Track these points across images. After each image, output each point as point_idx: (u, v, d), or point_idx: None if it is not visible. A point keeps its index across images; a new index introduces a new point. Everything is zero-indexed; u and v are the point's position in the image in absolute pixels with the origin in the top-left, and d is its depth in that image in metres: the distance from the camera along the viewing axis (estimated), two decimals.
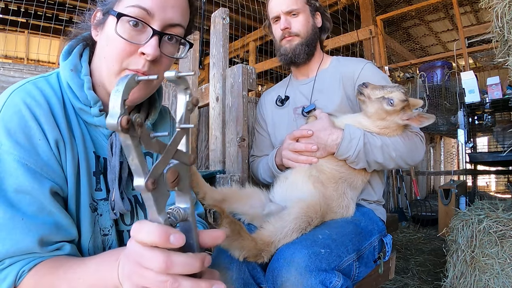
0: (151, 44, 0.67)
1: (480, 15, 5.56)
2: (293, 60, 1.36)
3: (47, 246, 0.61)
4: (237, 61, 6.50)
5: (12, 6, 5.21)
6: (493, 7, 1.89)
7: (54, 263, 0.59)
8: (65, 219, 0.63)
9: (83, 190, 0.69)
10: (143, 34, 0.68)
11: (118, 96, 0.37)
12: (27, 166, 0.60)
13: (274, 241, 0.89)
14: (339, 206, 1.09)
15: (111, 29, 0.68)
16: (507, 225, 1.62)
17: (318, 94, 1.34)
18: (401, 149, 1.13)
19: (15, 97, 0.64)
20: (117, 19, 0.66)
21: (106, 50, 0.69)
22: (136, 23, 0.67)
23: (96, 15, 0.74)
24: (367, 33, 4.31)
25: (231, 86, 1.56)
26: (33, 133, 0.62)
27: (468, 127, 3.09)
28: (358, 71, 1.29)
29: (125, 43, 0.67)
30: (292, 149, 1.17)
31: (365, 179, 1.18)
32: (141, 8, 0.66)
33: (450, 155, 6.65)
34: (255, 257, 0.86)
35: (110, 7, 0.69)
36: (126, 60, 0.68)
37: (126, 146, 0.38)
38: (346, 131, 1.09)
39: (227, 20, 1.66)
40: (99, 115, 0.72)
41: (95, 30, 0.75)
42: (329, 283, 0.81)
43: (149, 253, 0.41)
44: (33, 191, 0.60)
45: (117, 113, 0.36)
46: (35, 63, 6.87)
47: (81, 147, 0.70)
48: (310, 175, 1.11)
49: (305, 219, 0.94)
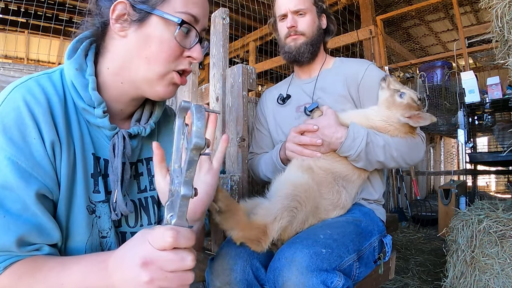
0: (198, 50, 0.73)
1: (480, 15, 5.56)
2: (297, 58, 1.37)
3: (26, 247, 0.60)
4: (237, 61, 6.50)
5: (12, 6, 5.21)
6: (493, 7, 1.89)
7: (34, 264, 0.58)
8: (49, 222, 0.62)
9: (79, 192, 0.68)
10: (188, 38, 0.73)
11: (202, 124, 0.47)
12: (17, 164, 0.59)
13: (266, 224, 0.88)
14: (329, 191, 1.09)
15: (157, 31, 0.69)
16: (507, 225, 1.62)
17: (320, 93, 1.35)
18: (403, 148, 1.14)
19: (16, 93, 0.63)
20: (179, 26, 0.69)
21: (148, 50, 0.70)
22: (188, 30, 0.71)
23: (115, 8, 0.68)
24: (367, 33, 4.31)
25: (231, 86, 1.56)
26: (29, 131, 0.61)
27: (468, 127, 3.09)
28: (362, 72, 1.30)
29: (176, 47, 0.70)
30: (297, 141, 1.17)
31: (362, 174, 1.19)
32: (191, 16, 0.71)
33: (450, 155, 6.65)
34: (252, 242, 0.86)
35: (153, 6, 0.68)
36: (174, 62, 0.72)
37: (192, 162, 0.47)
38: (350, 130, 1.10)
39: (227, 20, 1.65)
40: (103, 116, 0.71)
41: (118, 24, 0.69)
42: (331, 283, 0.81)
43: (178, 256, 0.48)
44: (19, 190, 0.59)
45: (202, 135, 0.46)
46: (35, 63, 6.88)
47: (78, 149, 0.69)
48: (301, 165, 1.12)
49: (294, 198, 0.94)
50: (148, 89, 0.74)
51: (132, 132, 0.76)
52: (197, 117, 0.47)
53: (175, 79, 0.73)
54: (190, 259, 0.49)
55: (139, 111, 0.83)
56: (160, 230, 0.47)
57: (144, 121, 0.82)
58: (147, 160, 0.83)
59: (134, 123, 0.81)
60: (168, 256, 0.47)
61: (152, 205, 0.82)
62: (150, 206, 0.82)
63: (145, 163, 0.83)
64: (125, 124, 0.81)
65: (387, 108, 1.17)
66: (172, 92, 0.76)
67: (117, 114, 0.78)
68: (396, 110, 1.15)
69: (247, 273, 0.93)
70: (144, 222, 0.81)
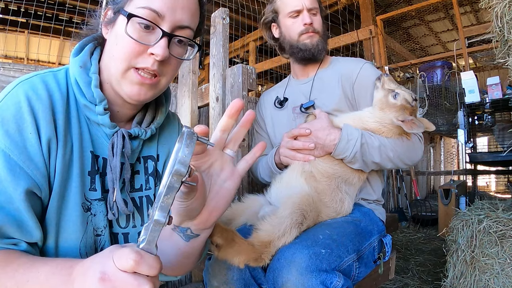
0: (160, 45, 0.68)
1: (480, 15, 5.56)
2: (314, 55, 1.34)
3: (3, 239, 0.59)
4: (237, 61, 6.50)
5: (12, 6, 5.21)
6: (493, 7, 1.89)
7: (6, 257, 0.58)
8: (30, 220, 0.61)
9: (74, 189, 0.68)
10: (152, 34, 0.69)
11: (190, 152, 0.46)
12: (9, 157, 0.59)
13: (272, 240, 0.87)
14: (333, 200, 1.09)
15: (120, 28, 0.68)
16: (507, 225, 1.62)
17: (317, 93, 1.34)
18: (399, 149, 1.13)
19: (19, 89, 0.64)
20: (127, 19, 0.66)
21: (114, 48, 0.70)
22: (147, 26, 0.68)
23: (107, 13, 0.74)
24: (367, 33, 4.31)
25: (231, 86, 1.56)
26: (26, 126, 0.62)
27: (468, 127, 3.09)
28: (357, 71, 1.29)
29: (134, 43, 0.68)
30: (290, 146, 1.17)
31: (362, 176, 1.19)
32: (151, 10, 0.67)
33: (450, 155, 6.65)
34: (255, 261, 0.84)
35: (121, 6, 0.69)
36: (134, 59, 0.69)
37: (171, 188, 0.45)
38: (344, 131, 1.10)
39: (227, 20, 1.65)
40: (103, 113, 0.71)
41: (105, 28, 0.75)
42: (330, 284, 0.81)
43: (135, 281, 0.45)
44: (6, 182, 0.59)
45: (186, 163, 0.45)
46: (35, 63, 6.88)
47: (76, 146, 0.69)
48: (303, 171, 1.12)
49: (300, 213, 0.93)
50: (119, 89, 0.72)
51: (132, 133, 0.76)
52: (185, 143, 0.45)
53: (134, 77, 0.70)
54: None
55: (141, 114, 0.83)
56: (126, 250, 0.45)
57: (145, 125, 0.81)
58: (145, 158, 0.83)
59: (135, 125, 0.80)
60: (125, 279, 0.45)
61: (146, 205, 0.81)
62: (144, 206, 0.81)
63: (142, 161, 0.82)
64: (126, 127, 0.81)
65: (380, 109, 1.14)
66: (139, 93, 0.72)
67: (116, 115, 0.78)
68: (389, 111, 1.12)
69: (244, 272, 0.93)
70: (137, 222, 0.79)
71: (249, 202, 1.14)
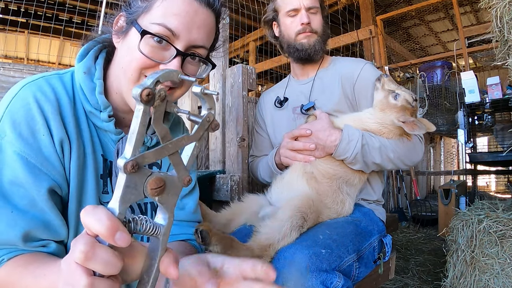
0: (174, 64, 0.67)
1: (480, 15, 5.56)
2: (311, 56, 1.32)
3: (32, 242, 0.60)
4: (237, 61, 6.50)
5: (12, 6, 5.21)
6: (493, 7, 1.89)
7: (32, 258, 0.58)
8: (56, 219, 0.62)
9: (90, 191, 0.68)
10: (166, 51, 0.68)
11: (157, 73, 0.38)
12: (26, 159, 0.60)
13: (272, 243, 0.87)
14: (334, 201, 1.09)
15: (133, 41, 0.67)
16: (507, 225, 1.62)
17: (317, 94, 1.34)
18: (399, 150, 1.13)
19: (26, 91, 0.64)
20: (141, 36, 0.65)
21: (125, 60, 0.69)
22: (160, 41, 0.66)
23: (118, 20, 0.72)
24: (367, 33, 4.31)
25: (231, 86, 1.56)
26: (38, 127, 0.62)
27: (468, 127, 3.09)
28: (358, 71, 1.28)
29: (147, 59, 0.67)
30: (291, 147, 1.17)
31: (362, 177, 1.19)
32: (166, 28, 0.66)
33: (450, 155, 6.65)
34: None
35: (135, 18, 0.68)
36: (146, 71, 0.68)
37: (136, 116, 0.38)
38: (344, 132, 1.10)
39: (227, 20, 1.65)
40: (108, 120, 0.71)
41: (116, 37, 0.73)
42: (330, 284, 0.81)
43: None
44: (27, 185, 0.59)
45: (144, 84, 0.37)
46: (35, 63, 6.88)
47: (89, 149, 0.69)
48: (304, 172, 1.11)
49: (300, 215, 0.93)
50: (131, 101, 0.70)
51: None
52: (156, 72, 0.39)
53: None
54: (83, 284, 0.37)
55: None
56: (80, 238, 0.38)
57: (151, 131, 0.81)
58: (150, 165, 0.83)
59: None
60: (65, 273, 0.39)
61: (150, 211, 0.82)
62: (148, 212, 0.81)
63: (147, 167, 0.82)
64: None
65: (381, 110, 1.14)
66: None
67: (121, 121, 0.78)
68: (390, 112, 1.12)
69: None
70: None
71: (249, 202, 1.14)
